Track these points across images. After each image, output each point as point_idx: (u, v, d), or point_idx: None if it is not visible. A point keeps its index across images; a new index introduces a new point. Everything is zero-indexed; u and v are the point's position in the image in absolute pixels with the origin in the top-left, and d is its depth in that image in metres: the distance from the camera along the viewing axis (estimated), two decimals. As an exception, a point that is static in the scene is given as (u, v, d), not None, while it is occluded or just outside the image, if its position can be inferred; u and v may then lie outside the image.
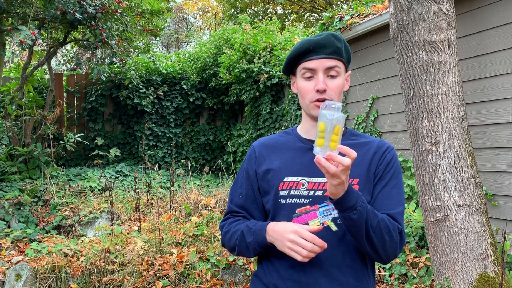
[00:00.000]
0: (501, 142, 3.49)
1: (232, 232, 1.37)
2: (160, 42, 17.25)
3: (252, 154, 1.43)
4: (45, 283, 3.57)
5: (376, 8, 4.80)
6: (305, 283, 1.27)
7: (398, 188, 1.32)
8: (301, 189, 1.29)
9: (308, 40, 1.30)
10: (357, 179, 1.29)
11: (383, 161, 1.33)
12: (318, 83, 1.28)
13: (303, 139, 1.38)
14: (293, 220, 1.28)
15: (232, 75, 7.65)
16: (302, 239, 1.18)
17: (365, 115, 5.12)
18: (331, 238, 1.26)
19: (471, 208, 2.75)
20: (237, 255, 1.40)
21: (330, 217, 1.27)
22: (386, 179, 1.31)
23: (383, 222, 1.21)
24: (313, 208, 1.28)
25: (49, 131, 6.63)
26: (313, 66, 1.29)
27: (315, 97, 1.28)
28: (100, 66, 6.77)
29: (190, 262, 3.70)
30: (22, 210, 5.17)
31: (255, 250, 1.32)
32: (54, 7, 5.69)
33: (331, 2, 15.24)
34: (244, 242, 1.33)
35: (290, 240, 1.20)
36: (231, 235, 1.37)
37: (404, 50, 2.90)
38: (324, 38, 1.29)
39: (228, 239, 1.38)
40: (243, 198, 1.41)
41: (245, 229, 1.33)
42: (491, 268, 2.70)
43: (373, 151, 1.34)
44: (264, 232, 1.28)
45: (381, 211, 1.26)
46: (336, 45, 1.29)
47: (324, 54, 1.28)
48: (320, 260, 1.26)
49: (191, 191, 5.70)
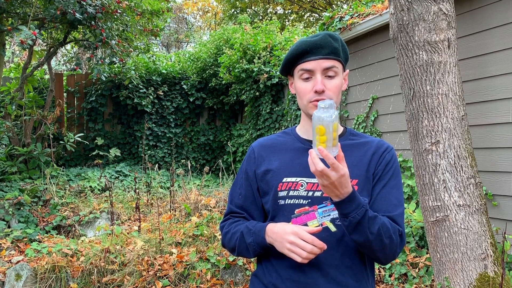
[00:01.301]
0: (501, 142, 3.49)
1: (232, 233, 1.38)
2: (160, 42, 17.26)
3: (251, 154, 1.43)
4: (45, 283, 3.57)
5: (376, 8, 4.80)
6: (304, 283, 1.27)
7: (398, 188, 1.32)
8: (300, 189, 1.29)
9: (305, 41, 1.30)
10: (356, 179, 1.29)
11: (382, 161, 1.32)
12: (316, 84, 1.27)
13: (302, 140, 1.38)
14: (292, 221, 1.28)
15: (232, 75, 7.65)
16: (302, 241, 1.18)
17: (365, 115, 5.12)
18: (330, 239, 1.26)
19: (471, 208, 2.75)
20: (237, 255, 1.40)
21: (329, 218, 1.27)
22: (385, 180, 1.31)
23: (384, 228, 1.20)
24: (312, 209, 1.27)
25: (49, 131, 6.63)
26: (310, 67, 1.28)
27: (313, 98, 1.28)
28: (100, 66, 6.77)
29: (190, 262, 3.70)
30: (22, 210, 5.17)
31: (254, 251, 1.32)
32: (54, 7, 5.69)
33: (331, 2, 15.24)
34: (244, 243, 1.33)
35: (289, 241, 1.20)
36: (231, 236, 1.38)
37: (404, 50, 2.90)
38: (321, 38, 1.29)
39: (228, 240, 1.39)
40: (242, 198, 1.41)
41: (245, 230, 1.33)
42: (491, 268, 2.70)
43: (372, 151, 1.34)
44: (264, 233, 1.28)
45: (380, 212, 1.26)
46: (333, 45, 1.29)
47: (321, 55, 1.28)
48: (319, 261, 1.26)
49: (191, 191, 5.70)
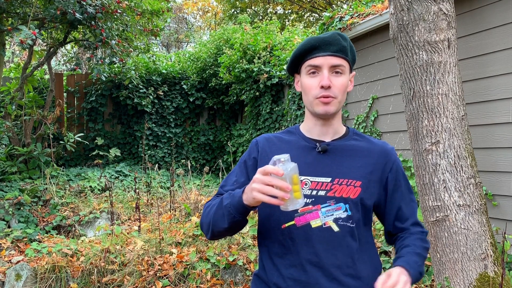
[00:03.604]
0: (501, 142, 3.49)
1: (212, 204, 1.30)
2: (160, 42, 17.25)
3: (254, 146, 1.41)
4: (45, 283, 3.57)
5: (376, 8, 4.80)
6: (306, 283, 1.27)
7: (410, 188, 1.40)
8: (304, 188, 1.29)
9: (314, 38, 1.31)
10: (359, 181, 1.30)
11: (393, 166, 1.37)
12: (323, 79, 1.27)
13: (307, 138, 1.38)
14: (295, 219, 1.28)
15: (232, 75, 7.65)
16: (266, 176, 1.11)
17: (365, 115, 5.12)
18: (332, 239, 1.26)
19: (471, 208, 2.75)
20: (211, 234, 1.28)
21: (332, 217, 1.27)
22: (402, 185, 1.38)
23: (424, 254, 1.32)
24: (316, 208, 1.28)
25: (49, 131, 6.63)
26: (318, 63, 1.29)
27: (319, 94, 1.28)
28: (100, 66, 6.77)
29: (190, 262, 3.70)
30: (22, 210, 5.17)
31: (229, 214, 1.20)
32: (54, 7, 5.69)
33: (331, 2, 15.24)
34: (220, 209, 1.24)
35: (253, 181, 1.12)
36: (210, 208, 1.30)
37: (404, 50, 2.90)
38: (330, 36, 1.30)
39: (207, 214, 1.30)
40: (237, 185, 1.36)
41: (225, 195, 1.26)
42: (491, 268, 2.70)
43: (378, 155, 1.36)
44: (241, 192, 1.20)
45: (409, 217, 1.37)
46: (342, 43, 1.30)
47: (329, 51, 1.28)
48: (321, 260, 1.26)
49: (191, 191, 5.70)
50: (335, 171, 1.30)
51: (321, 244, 1.26)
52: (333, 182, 1.29)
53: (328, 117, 1.33)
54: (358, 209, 1.29)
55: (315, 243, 1.26)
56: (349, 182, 1.29)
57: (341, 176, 1.30)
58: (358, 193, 1.29)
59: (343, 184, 1.29)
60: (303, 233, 1.27)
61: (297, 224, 1.28)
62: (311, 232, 1.27)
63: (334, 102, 1.29)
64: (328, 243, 1.23)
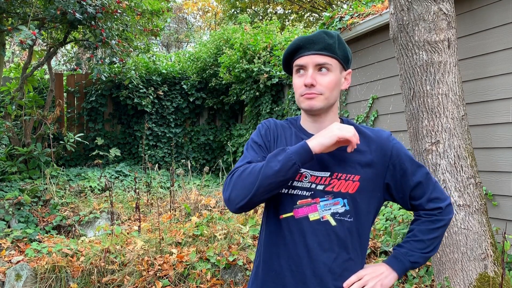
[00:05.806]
0: (501, 142, 3.49)
1: (253, 166, 1.25)
2: (160, 42, 17.25)
3: (267, 128, 1.40)
4: (45, 283, 3.57)
5: (376, 8, 4.81)
6: (302, 273, 1.30)
7: (416, 163, 1.38)
8: (304, 181, 1.31)
9: (300, 38, 1.34)
10: (358, 175, 1.31)
11: (394, 153, 1.36)
12: (306, 77, 1.30)
13: (306, 132, 1.39)
14: (294, 211, 1.30)
15: (232, 75, 7.65)
16: None
17: (365, 115, 5.12)
18: (329, 233, 1.29)
19: (471, 208, 2.75)
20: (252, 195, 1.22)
21: (329, 211, 1.30)
22: (407, 167, 1.36)
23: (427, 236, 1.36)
24: (314, 201, 1.30)
25: (49, 131, 6.63)
26: (303, 63, 1.32)
27: (304, 92, 1.31)
28: (100, 66, 6.77)
29: (190, 262, 3.70)
30: (22, 210, 5.17)
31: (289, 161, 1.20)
32: (54, 7, 5.69)
33: (331, 2, 15.24)
34: (273, 161, 1.21)
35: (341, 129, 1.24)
36: (251, 169, 1.24)
37: (404, 50, 2.90)
38: (315, 35, 1.32)
39: (248, 173, 1.24)
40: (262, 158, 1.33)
41: (270, 155, 1.24)
42: (491, 268, 2.70)
43: (375, 147, 1.36)
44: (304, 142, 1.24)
45: (423, 194, 1.37)
46: (327, 41, 1.31)
47: (314, 50, 1.30)
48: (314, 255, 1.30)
49: (191, 191, 5.70)
50: (333, 166, 1.31)
51: (316, 237, 1.29)
52: (332, 177, 1.31)
53: (315, 113, 1.34)
54: (356, 203, 1.31)
55: (311, 236, 1.29)
56: (347, 177, 1.31)
57: (339, 170, 1.31)
58: (357, 187, 1.31)
59: (341, 178, 1.31)
60: (300, 225, 1.30)
61: (295, 216, 1.30)
62: (308, 224, 1.29)
63: (319, 98, 1.30)
64: (323, 237, 1.27)
